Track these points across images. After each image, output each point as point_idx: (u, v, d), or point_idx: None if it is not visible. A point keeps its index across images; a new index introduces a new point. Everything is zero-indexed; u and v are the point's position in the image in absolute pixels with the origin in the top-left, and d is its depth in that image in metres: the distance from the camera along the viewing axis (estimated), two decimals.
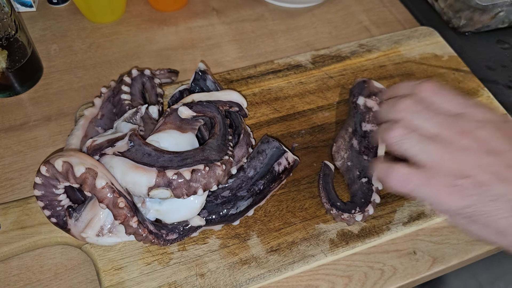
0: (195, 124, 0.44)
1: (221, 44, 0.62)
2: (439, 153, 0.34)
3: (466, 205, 0.33)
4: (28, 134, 0.52)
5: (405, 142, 0.35)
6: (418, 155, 0.35)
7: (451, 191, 0.33)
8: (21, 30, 0.52)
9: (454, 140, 0.34)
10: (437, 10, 0.67)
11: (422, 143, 0.35)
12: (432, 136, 0.35)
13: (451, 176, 0.33)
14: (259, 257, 0.42)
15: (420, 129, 0.36)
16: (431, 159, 0.34)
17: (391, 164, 0.36)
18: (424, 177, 0.34)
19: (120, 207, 0.36)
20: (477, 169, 0.33)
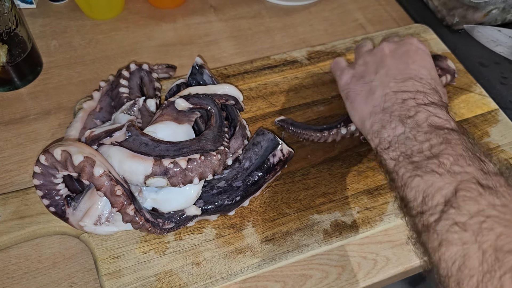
0: (191, 116, 0.45)
1: (219, 41, 0.63)
2: (363, 52, 0.49)
3: (347, 83, 0.47)
4: (27, 127, 0.53)
5: (359, 47, 0.51)
6: (355, 53, 0.51)
7: (348, 73, 0.47)
8: (21, 25, 0.53)
9: (379, 46, 0.47)
10: (431, 8, 0.68)
11: (364, 49, 0.50)
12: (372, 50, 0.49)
13: (356, 64, 0.48)
14: (254, 246, 0.43)
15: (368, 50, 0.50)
16: (357, 54, 0.50)
17: None
18: (344, 66, 0.49)
19: (117, 195, 0.37)
20: (372, 63, 0.45)
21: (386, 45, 0.47)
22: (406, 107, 0.39)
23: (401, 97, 0.40)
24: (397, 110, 0.40)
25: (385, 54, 0.45)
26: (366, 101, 0.43)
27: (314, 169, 0.49)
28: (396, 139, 0.38)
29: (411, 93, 0.40)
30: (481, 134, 0.53)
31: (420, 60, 0.44)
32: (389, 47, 0.46)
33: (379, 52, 0.46)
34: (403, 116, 0.39)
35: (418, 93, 0.40)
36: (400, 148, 0.37)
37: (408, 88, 0.41)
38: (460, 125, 0.38)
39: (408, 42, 0.46)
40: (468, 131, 0.41)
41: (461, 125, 0.40)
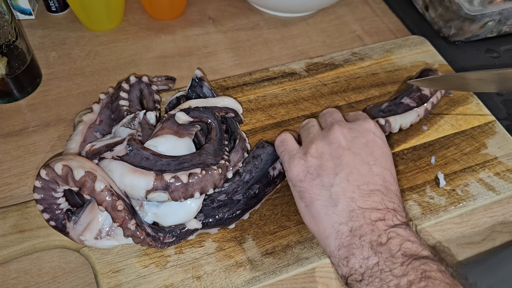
0: (191, 129, 0.45)
1: (217, 52, 0.64)
2: (313, 134, 0.43)
3: (301, 179, 0.40)
4: (27, 140, 0.53)
5: (302, 126, 0.46)
6: (301, 134, 0.45)
7: (299, 163, 0.41)
8: (21, 38, 0.53)
9: (331, 128, 0.42)
10: (428, 19, 0.69)
11: (309, 127, 0.45)
12: (324, 126, 0.45)
13: (308, 153, 0.41)
14: (255, 260, 0.43)
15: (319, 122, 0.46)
16: (306, 138, 0.43)
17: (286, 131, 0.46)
18: (292, 147, 0.43)
19: (118, 209, 0.37)
20: (329, 157, 0.40)
21: (340, 131, 0.41)
22: (377, 231, 0.35)
23: (370, 217, 0.36)
24: (367, 235, 0.35)
25: (341, 146, 0.40)
26: (327, 212, 0.38)
27: None
28: (369, 272, 0.34)
29: (380, 213, 0.36)
30: (479, 146, 0.53)
31: (381, 157, 0.40)
32: (345, 135, 0.41)
33: (334, 141, 0.41)
34: (374, 243, 0.35)
35: (388, 212, 0.36)
36: (375, 283, 0.33)
37: (376, 204, 0.37)
38: (432, 248, 0.36)
39: (364, 129, 0.42)
40: (441, 256, 0.37)
41: (433, 248, 0.38)
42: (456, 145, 0.53)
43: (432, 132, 0.54)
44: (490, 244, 0.48)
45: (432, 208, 0.48)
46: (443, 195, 0.49)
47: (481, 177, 0.50)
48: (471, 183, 0.50)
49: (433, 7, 0.67)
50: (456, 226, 0.48)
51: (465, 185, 0.50)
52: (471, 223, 0.49)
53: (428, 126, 0.54)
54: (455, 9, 0.62)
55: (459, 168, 0.51)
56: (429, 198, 0.48)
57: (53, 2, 0.65)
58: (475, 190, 0.49)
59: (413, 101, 0.53)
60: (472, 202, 0.48)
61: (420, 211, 0.47)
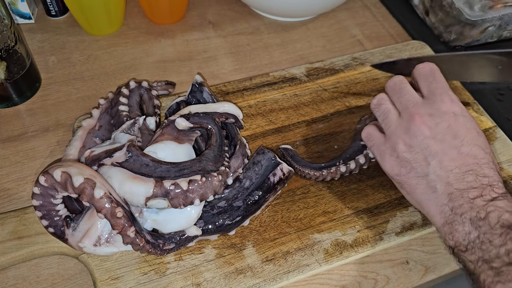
0: (192, 135, 0.45)
1: (217, 57, 0.64)
2: (395, 126, 0.43)
3: (397, 173, 0.43)
4: (25, 145, 0.52)
5: (377, 110, 0.46)
6: (381, 123, 0.45)
7: (391, 159, 0.43)
8: (20, 42, 0.53)
9: (412, 120, 0.42)
10: (428, 24, 0.69)
11: (387, 113, 0.44)
12: (398, 111, 0.44)
13: (396, 149, 0.42)
14: (255, 266, 0.43)
15: (393, 103, 0.45)
16: (389, 129, 0.44)
17: (370, 123, 0.47)
18: (379, 140, 0.45)
19: (118, 217, 0.37)
20: (417, 149, 0.41)
21: (421, 122, 0.41)
22: (476, 208, 0.38)
23: (468, 196, 0.38)
24: (467, 212, 0.38)
25: (426, 137, 0.41)
26: (428, 197, 0.41)
27: (314, 188, 0.49)
28: (472, 244, 0.37)
29: (477, 190, 0.38)
30: None
31: (466, 135, 0.41)
32: (426, 123, 0.41)
33: (418, 133, 0.41)
34: (474, 218, 0.37)
35: (484, 189, 0.38)
36: (477, 252, 0.36)
37: (472, 183, 0.39)
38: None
39: (443, 112, 0.42)
40: None
41: None
42: None
43: None
44: None
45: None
46: None
47: None
48: None
49: (434, 12, 0.67)
50: None
51: None
52: None
53: None
54: (456, 14, 0.62)
55: None
56: None
57: (52, 6, 0.65)
58: None
59: None
60: None
61: (421, 218, 0.47)
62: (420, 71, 0.45)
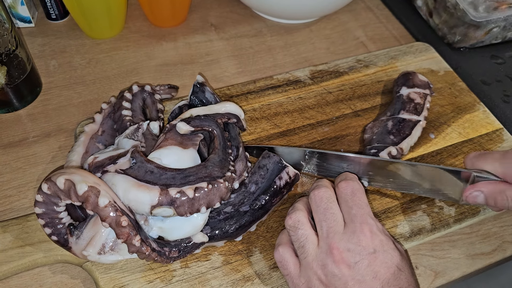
0: (195, 139, 0.44)
1: (220, 60, 0.63)
2: (312, 258, 0.39)
3: None
4: (27, 151, 0.52)
5: (293, 234, 0.40)
6: (297, 248, 0.40)
7: None
8: (21, 46, 0.52)
9: (330, 254, 0.38)
10: (432, 26, 0.68)
11: (305, 242, 0.39)
12: (319, 236, 0.40)
13: (312, 284, 0.38)
14: (262, 273, 0.42)
15: (311, 223, 0.41)
16: (305, 259, 0.39)
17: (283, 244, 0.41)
18: (294, 271, 0.40)
19: (123, 225, 0.36)
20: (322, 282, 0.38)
21: (339, 255, 0.38)
22: None
23: None
24: None
25: (345, 275, 0.37)
26: None
27: None
28: None
29: None
30: None
31: (387, 275, 0.37)
32: (345, 260, 0.38)
33: (336, 271, 0.38)
34: None
35: None
36: None
37: None
38: None
39: (363, 247, 0.38)
40: None
41: None
42: (464, 154, 0.52)
43: (439, 141, 0.53)
44: (501, 255, 0.47)
45: (441, 219, 0.47)
46: (452, 205, 0.48)
47: None
48: None
49: (437, 13, 0.66)
50: (465, 236, 0.48)
51: None
52: (481, 233, 0.48)
53: (435, 135, 0.54)
54: (460, 16, 0.61)
55: None
56: (438, 209, 0.48)
57: (53, 10, 0.64)
58: None
59: (410, 113, 0.52)
60: (482, 212, 0.48)
61: (429, 222, 0.46)
62: (341, 192, 0.41)
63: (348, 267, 0.37)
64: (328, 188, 0.42)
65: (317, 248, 0.39)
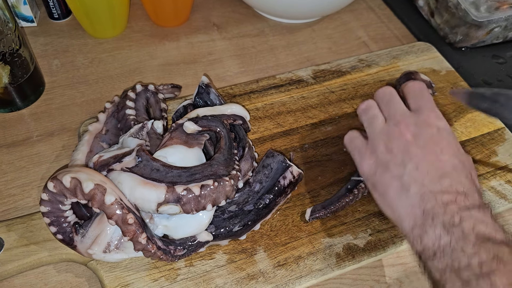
0: (201, 138, 0.45)
1: (223, 59, 0.63)
2: (379, 131, 0.43)
3: (373, 173, 0.42)
4: (30, 150, 0.52)
5: (364, 115, 0.45)
6: (367, 127, 0.45)
7: (370, 160, 0.42)
8: (24, 46, 0.52)
9: (397, 126, 0.42)
10: (434, 26, 0.68)
11: (374, 119, 0.44)
12: (385, 118, 0.44)
13: (377, 150, 0.42)
14: (267, 272, 0.42)
15: (380, 110, 0.45)
16: (372, 134, 0.43)
17: (352, 130, 0.46)
18: (360, 144, 0.44)
19: (129, 223, 0.36)
20: (397, 151, 0.41)
21: (405, 126, 0.42)
22: (449, 212, 0.36)
23: (441, 199, 0.37)
24: (439, 215, 0.36)
25: (408, 141, 0.41)
26: (400, 197, 0.39)
27: (324, 191, 0.48)
28: (441, 250, 0.35)
29: (451, 195, 0.37)
30: (489, 153, 0.52)
31: (448, 147, 0.41)
32: (410, 130, 0.41)
33: (400, 137, 0.41)
34: (447, 223, 0.35)
35: (459, 195, 0.37)
36: (446, 259, 0.34)
37: (447, 188, 0.38)
38: (507, 233, 0.36)
39: (428, 124, 0.42)
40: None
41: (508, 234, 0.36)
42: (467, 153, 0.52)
43: None
44: None
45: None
46: None
47: (492, 185, 0.50)
48: (483, 191, 0.49)
49: (439, 13, 0.66)
50: None
51: None
52: None
53: None
54: (462, 15, 0.62)
55: None
56: None
57: (55, 9, 0.64)
58: (487, 198, 0.49)
59: None
60: None
61: None
62: (410, 89, 0.45)
63: (411, 135, 0.41)
64: (390, 87, 0.46)
65: (384, 124, 0.43)
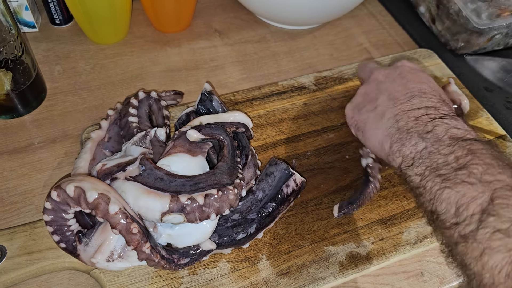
0: (204, 147, 0.45)
1: (225, 66, 0.63)
2: (360, 89, 0.48)
3: (352, 115, 0.47)
4: (32, 156, 0.51)
5: (360, 72, 0.52)
6: (362, 79, 0.51)
7: (350, 106, 0.48)
8: (27, 53, 0.52)
9: (372, 75, 0.48)
10: (435, 32, 0.69)
11: (371, 73, 0.49)
12: None
13: (355, 96, 0.48)
14: (270, 280, 0.42)
15: None
16: (357, 92, 0.49)
17: None
18: None
19: (133, 233, 0.36)
20: (370, 91, 0.46)
21: (378, 72, 0.47)
22: (422, 123, 0.39)
23: (413, 114, 0.41)
24: (413, 127, 0.40)
25: (380, 81, 0.46)
26: (377, 126, 0.43)
27: (326, 199, 0.48)
28: (419, 155, 0.38)
29: (421, 110, 0.41)
30: None
31: (415, 78, 0.45)
32: (382, 73, 0.47)
33: (373, 81, 0.47)
34: (421, 131, 0.39)
35: (429, 109, 0.41)
36: (424, 162, 0.37)
37: (417, 105, 0.41)
38: (480, 135, 0.38)
39: (399, 64, 0.47)
40: (491, 141, 0.40)
41: (482, 136, 0.39)
42: None
43: None
44: None
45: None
46: None
47: None
48: None
49: (440, 20, 0.67)
50: None
51: None
52: None
53: None
54: (463, 22, 0.62)
55: None
56: None
57: (57, 15, 0.64)
58: None
59: None
60: None
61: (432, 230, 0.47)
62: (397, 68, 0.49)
63: (383, 76, 0.46)
64: None
65: None
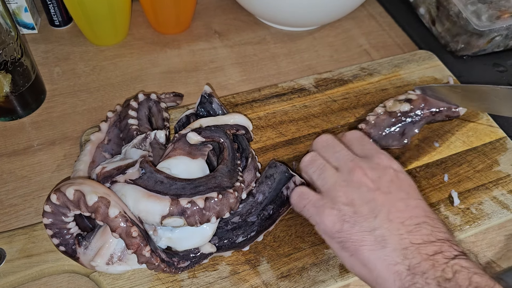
0: (204, 149, 0.44)
1: (224, 67, 0.63)
2: (333, 180, 0.39)
3: (339, 230, 0.37)
4: (32, 159, 0.51)
5: (311, 167, 0.42)
6: (316, 180, 0.41)
7: (331, 213, 0.38)
8: (26, 55, 0.52)
9: (353, 172, 0.39)
10: (435, 34, 0.68)
11: (323, 168, 0.41)
12: (335, 167, 0.41)
13: (337, 202, 0.38)
14: (270, 283, 0.42)
15: (326, 160, 0.42)
16: (326, 185, 0.40)
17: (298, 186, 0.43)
18: (314, 197, 0.40)
19: (133, 236, 0.36)
20: (361, 202, 0.37)
21: (362, 174, 0.39)
22: (439, 266, 0.33)
23: (426, 251, 0.34)
24: (429, 271, 0.33)
25: (370, 188, 0.38)
26: (377, 255, 0.35)
27: None
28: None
29: (435, 245, 0.34)
30: (491, 163, 0.53)
31: (411, 190, 0.39)
32: (368, 176, 0.39)
33: (361, 185, 0.38)
34: (440, 279, 0.32)
35: (443, 243, 0.34)
36: None
37: (428, 237, 0.35)
38: (500, 280, 0.33)
39: (384, 166, 0.40)
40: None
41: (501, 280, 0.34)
42: (469, 162, 0.52)
43: (444, 149, 0.53)
44: (506, 263, 0.47)
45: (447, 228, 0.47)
46: (457, 214, 0.48)
47: (495, 195, 0.50)
48: (485, 201, 0.49)
49: (440, 21, 0.66)
50: (471, 245, 0.48)
51: (479, 204, 0.49)
52: (485, 242, 0.48)
53: (439, 143, 0.54)
54: (463, 24, 0.62)
55: (472, 186, 0.50)
56: (444, 218, 0.48)
57: (56, 16, 0.64)
58: (490, 208, 0.49)
59: None
60: (487, 221, 0.48)
61: None
62: (351, 137, 0.44)
63: (372, 181, 0.38)
64: (328, 134, 0.44)
65: (337, 173, 0.40)
